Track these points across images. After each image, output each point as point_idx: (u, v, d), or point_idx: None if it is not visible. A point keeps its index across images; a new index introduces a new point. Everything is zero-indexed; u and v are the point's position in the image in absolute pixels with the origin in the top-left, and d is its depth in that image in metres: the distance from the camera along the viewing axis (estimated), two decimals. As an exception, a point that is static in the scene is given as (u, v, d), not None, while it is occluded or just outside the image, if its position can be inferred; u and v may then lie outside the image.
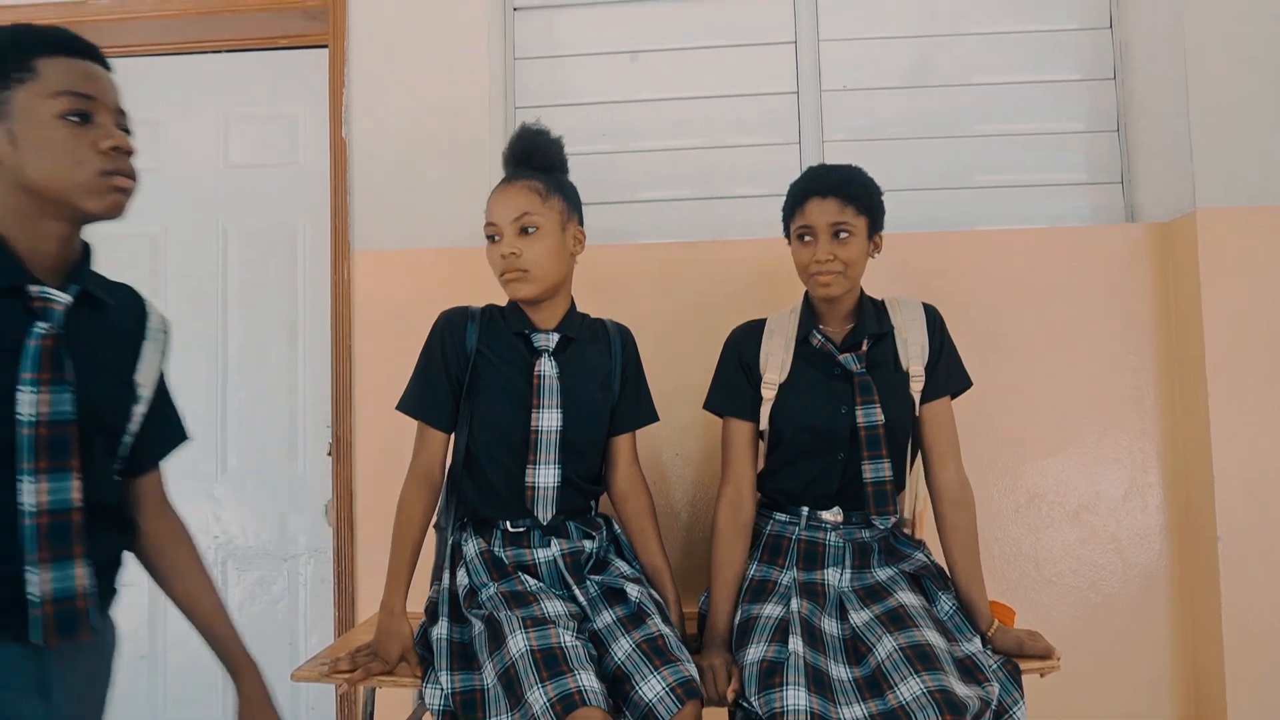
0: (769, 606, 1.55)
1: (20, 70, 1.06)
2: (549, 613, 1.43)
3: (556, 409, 1.56)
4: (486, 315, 1.65)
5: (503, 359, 1.59)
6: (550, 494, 1.55)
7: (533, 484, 1.55)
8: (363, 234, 2.23)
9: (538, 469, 1.55)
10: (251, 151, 2.45)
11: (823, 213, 1.59)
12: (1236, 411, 1.97)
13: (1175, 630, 2.08)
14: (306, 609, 2.39)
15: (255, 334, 2.42)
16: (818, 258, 1.58)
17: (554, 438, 1.56)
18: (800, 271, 1.65)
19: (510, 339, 1.61)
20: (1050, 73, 2.33)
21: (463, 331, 1.61)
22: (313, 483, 2.37)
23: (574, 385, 1.59)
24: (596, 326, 1.70)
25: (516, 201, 1.55)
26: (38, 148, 1.06)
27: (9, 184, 1.08)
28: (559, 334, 1.61)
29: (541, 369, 1.58)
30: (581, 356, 1.63)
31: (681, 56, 2.38)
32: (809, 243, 1.61)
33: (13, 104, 1.06)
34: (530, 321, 1.61)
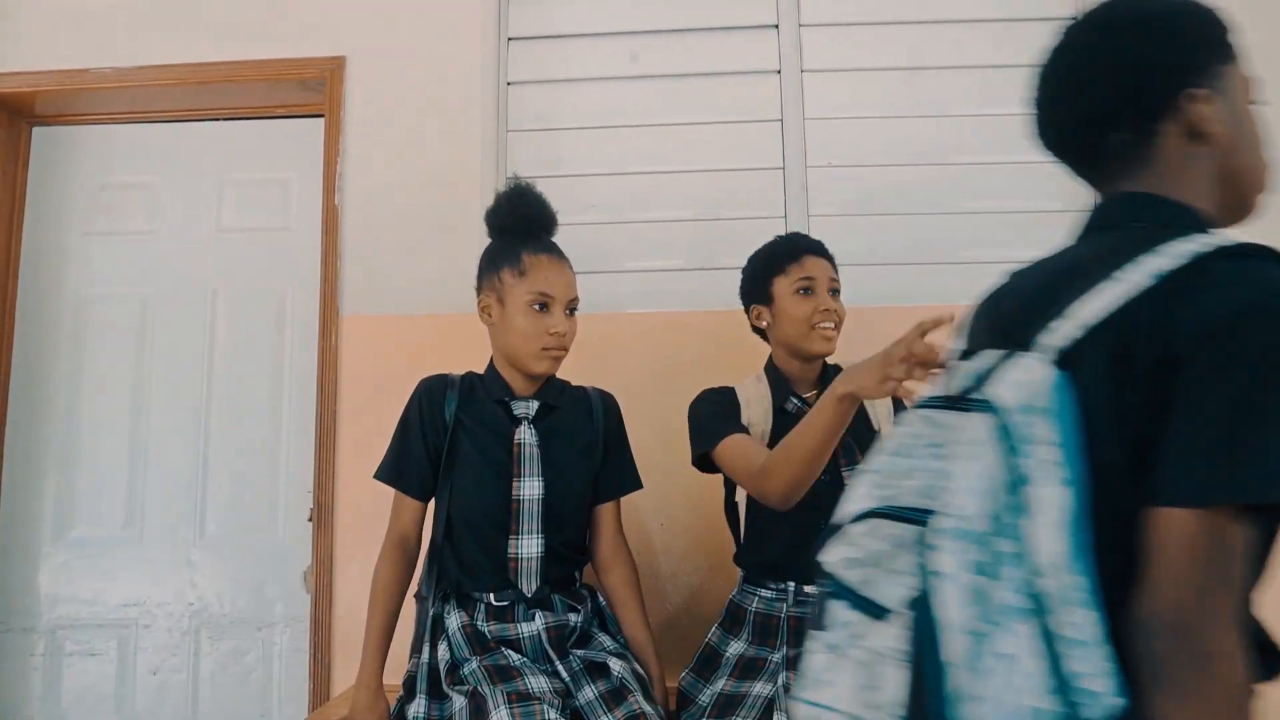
0: (759, 685, 1.52)
1: None
2: (533, 688, 1.41)
3: (537, 478, 1.55)
4: (466, 383, 1.64)
5: (483, 427, 1.58)
6: (534, 565, 1.53)
7: (516, 555, 1.53)
8: (352, 299, 2.24)
9: (520, 539, 1.53)
10: (244, 216, 2.48)
11: (821, 269, 1.65)
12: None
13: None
14: (281, 680, 2.33)
15: (239, 397, 2.41)
16: (823, 307, 1.62)
17: (535, 507, 1.54)
18: (797, 325, 1.64)
19: (490, 407, 1.60)
20: (1030, 153, 2.37)
21: (441, 400, 1.60)
22: (292, 550, 2.34)
23: (555, 453, 1.58)
24: (578, 394, 1.70)
25: (570, 281, 1.59)
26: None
27: None
28: (539, 401, 1.61)
29: (521, 437, 1.57)
30: (562, 424, 1.63)
31: (671, 131, 2.44)
32: (811, 295, 1.63)
33: None
34: (510, 389, 1.61)
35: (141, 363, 2.43)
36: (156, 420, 2.41)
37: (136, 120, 2.51)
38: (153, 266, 2.46)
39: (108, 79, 2.37)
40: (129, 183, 2.51)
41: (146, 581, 2.36)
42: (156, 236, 2.48)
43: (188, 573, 2.35)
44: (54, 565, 2.37)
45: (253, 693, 2.33)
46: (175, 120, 2.51)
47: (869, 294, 2.28)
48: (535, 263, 1.56)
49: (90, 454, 2.40)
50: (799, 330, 1.64)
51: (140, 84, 2.37)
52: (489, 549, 1.54)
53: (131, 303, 2.45)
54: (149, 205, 2.49)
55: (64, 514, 2.39)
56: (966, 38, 2.44)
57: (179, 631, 2.34)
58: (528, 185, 1.63)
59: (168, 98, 2.44)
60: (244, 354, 2.42)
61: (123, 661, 2.35)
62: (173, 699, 2.32)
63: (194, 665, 2.34)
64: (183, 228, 2.48)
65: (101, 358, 2.43)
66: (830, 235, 2.35)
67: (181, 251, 2.46)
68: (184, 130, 2.52)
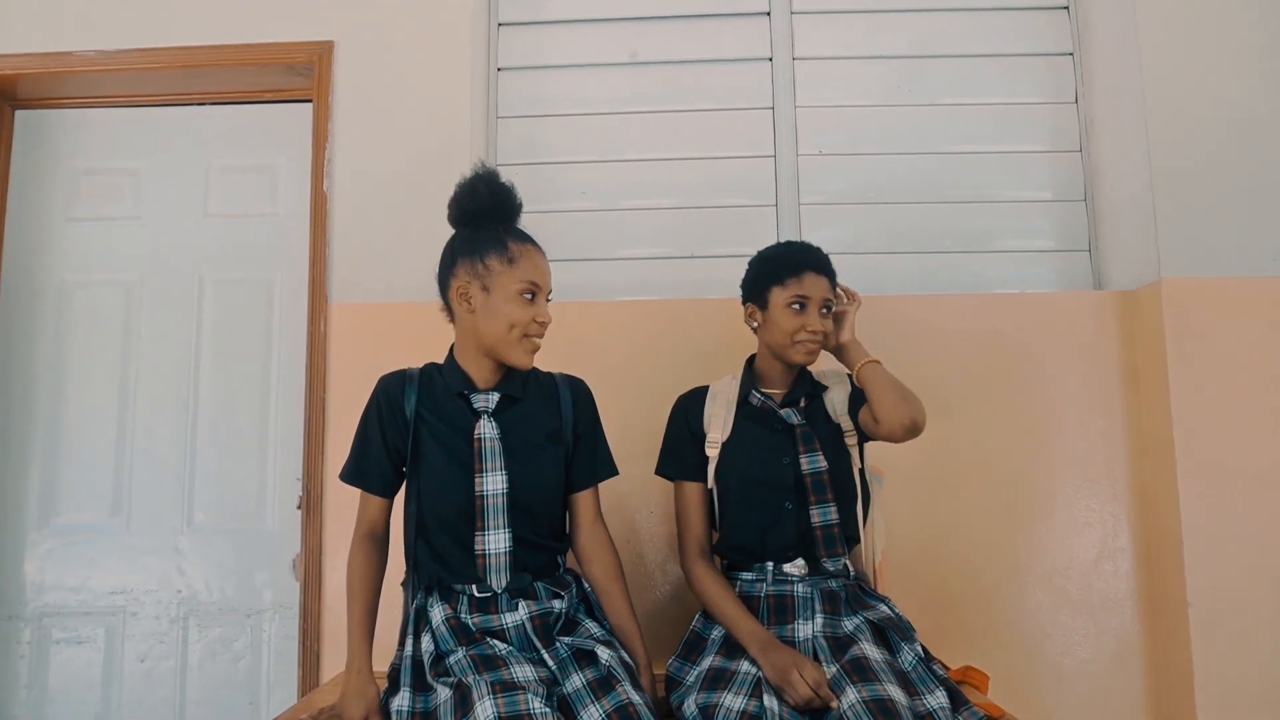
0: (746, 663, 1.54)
1: None
2: (518, 678, 1.40)
3: (500, 471, 1.53)
4: (425, 377, 1.62)
5: (443, 422, 1.57)
6: (502, 560, 1.52)
7: (483, 551, 1.52)
8: (340, 286, 2.23)
9: (486, 535, 1.52)
10: (231, 202, 2.46)
11: (818, 288, 1.71)
12: (1203, 476, 1.99)
13: (1149, 696, 2.08)
14: (270, 666, 2.33)
15: (227, 385, 2.39)
16: (810, 327, 1.69)
17: (501, 501, 1.53)
18: (783, 336, 1.71)
19: (451, 400, 1.58)
20: (1020, 143, 2.40)
21: (400, 397, 1.58)
22: (281, 537, 2.33)
23: (518, 445, 1.56)
24: (544, 381, 1.67)
25: (549, 271, 1.59)
26: None
27: None
28: (499, 393, 1.59)
29: (481, 431, 1.55)
30: (526, 414, 1.60)
31: (662, 119, 2.43)
32: (802, 313, 1.70)
33: None
34: (470, 381, 1.59)
35: (128, 349, 2.41)
36: (143, 407, 2.39)
37: (121, 104, 2.48)
38: (138, 252, 2.44)
39: (92, 62, 2.34)
40: (113, 167, 2.48)
41: (134, 569, 2.35)
42: (142, 222, 2.45)
43: (175, 560, 2.35)
44: (40, 553, 2.36)
45: (241, 680, 2.33)
46: (161, 104, 2.48)
47: (857, 283, 2.28)
48: (524, 251, 1.55)
49: (76, 441, 2.38)
50: (783, 341, 1.72)
51: (125, 67, 2.34)
52: (461, 542, 1.53)
53: (117, 289, 2.43)
54: (134, 190, 2.47)
55: (49, 501, 2.38)
56: (958, 27, 2.44)
57: (167, 619, 2.34)
58: (495, 171, 1.61)
59: (153, 81, 2.41)
60: (232, 341, 2.41)
61: (110, 649, 2.34)
62: (161, 686, 2.32)
63: (182, 653, 2.33)
64: (168, 213, 2.45)
65: (87, 344, 2.41)
66: (820, 223, 2.37)
67: (167, 237, 2.44)
68: (169, 115, 2.49)
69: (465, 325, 1.58)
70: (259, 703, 2.32)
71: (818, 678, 1.44)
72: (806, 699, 1.42)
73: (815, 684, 1.42)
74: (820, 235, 2.29)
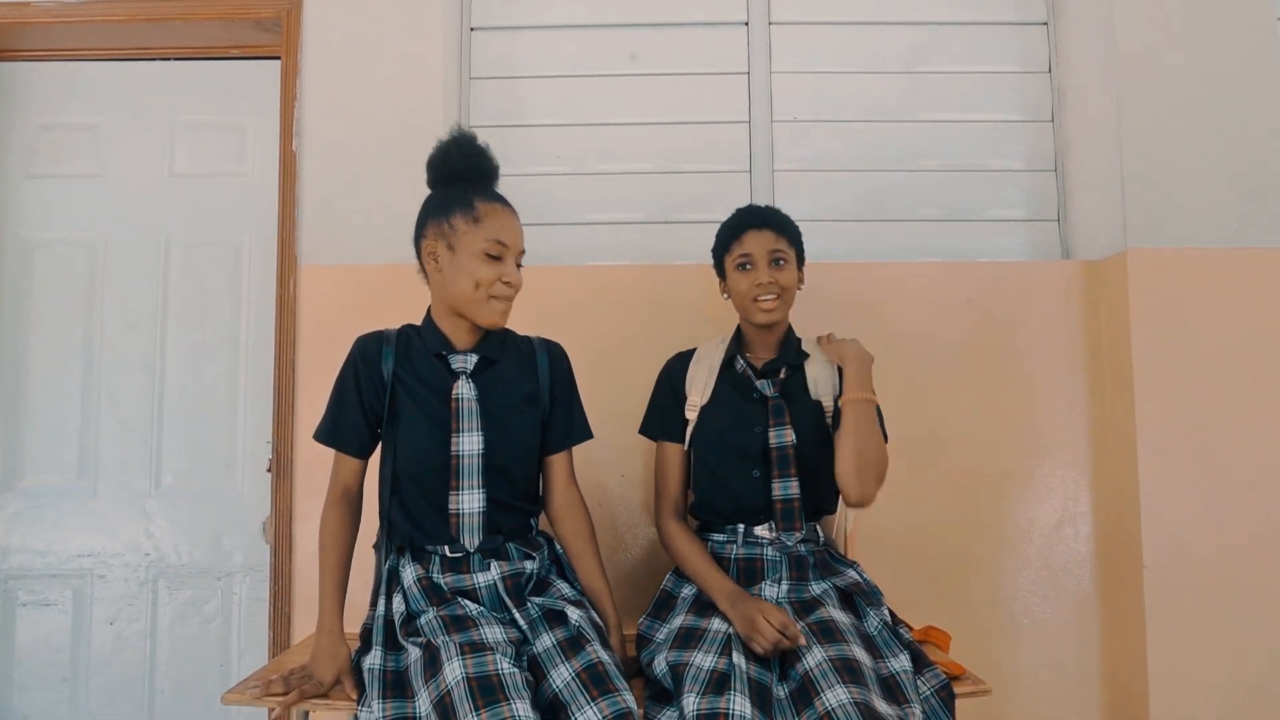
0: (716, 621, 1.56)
1: None
2: (488, 639, 1.41)
3: (477, 432, 1.54)
4: (403, 337, 1.62)
5: (421, 383, 1.57)
6: (475, 520, 1.54)
7: (456, 510, 1.53)
8: (310, 248, 2.20)
9: (460, 495, 1.53)
10: (197, 161, 2.41)
11: (760, 242, 1.72)
12: (1162, 444, 2.04)
13: (1103, 654, 2.14)
14: (241, 629, 2.33)
15: (195, 347, 2.37)
16: (759, 281, 1.70)
17: (475, 462, 1.54)
18: (741, 299, 1.74)
19: (429, 361, 1.59)
20: (992, 113, 2.41)
21: (378, 357, 1.58)
22: (251, 500, 2.32)
23: (495, 406, 1.57)
24: (522, 344, 1.69)
25: (521, 232, 1.58)
26: None
27: None
28: (477, 355, 1.60)
29: (459, 392, 1.56)
30: (503, 376, 1.61)
31: (637, 82, 2.41)
32: (749, 270, 1.72)
33: None
34: (448, 342, 1.60)
35: (92, 310, 2.37)
36: (109, 369, 2.36)
37: (82, 58, 2.42)
38: (101, 211, 2.39)
39: (52, 13, 2.27)
40: (74, 123, 2.42)
41: (101, 532, 2.33)
42: (104, 181, 2.40)
43: (143, 523, 2.33)
44: (5, 516, 2.34)
45: (212, 642, 2.33)
46: (124, 59, 2.42)
47: (831, 250, 2.30)
48: (490, 210, 1.55)
49: (40, 403, 2.35)
50: (742, 303, 1.75)
51: (86, 19, 2.27)
52: (435, 503, 1.54)
53: (79, 248, 2.38)
54: (95, 147, 2.41)
55: (14, 464, 2.35)
56: (934, -6, 2.43)
57: (135, 582, 2.32)
58: (472, 134, 1.61)
59: (116, 34, 2.34)
60: (199, 302, 2.37)
61: (78, 612, 2.33)
62: (130, 648, 2.31)
63: (152, 615, 2.33)
64: (132, 172, 2.40)
65: (49, 304, 2.37)
66: (793, 190, 2.38)
67: (131, 196, 2.39)
68: (133, 70, 2.43)
69: (436, 286, 1.59)
70: (229, 665, 2.32)
71: (783, 619, 1.46)
72: (774, 640, 1.44)
73: (781, 625, 1.45)
74: (793, 202, 2.30)
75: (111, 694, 2.31)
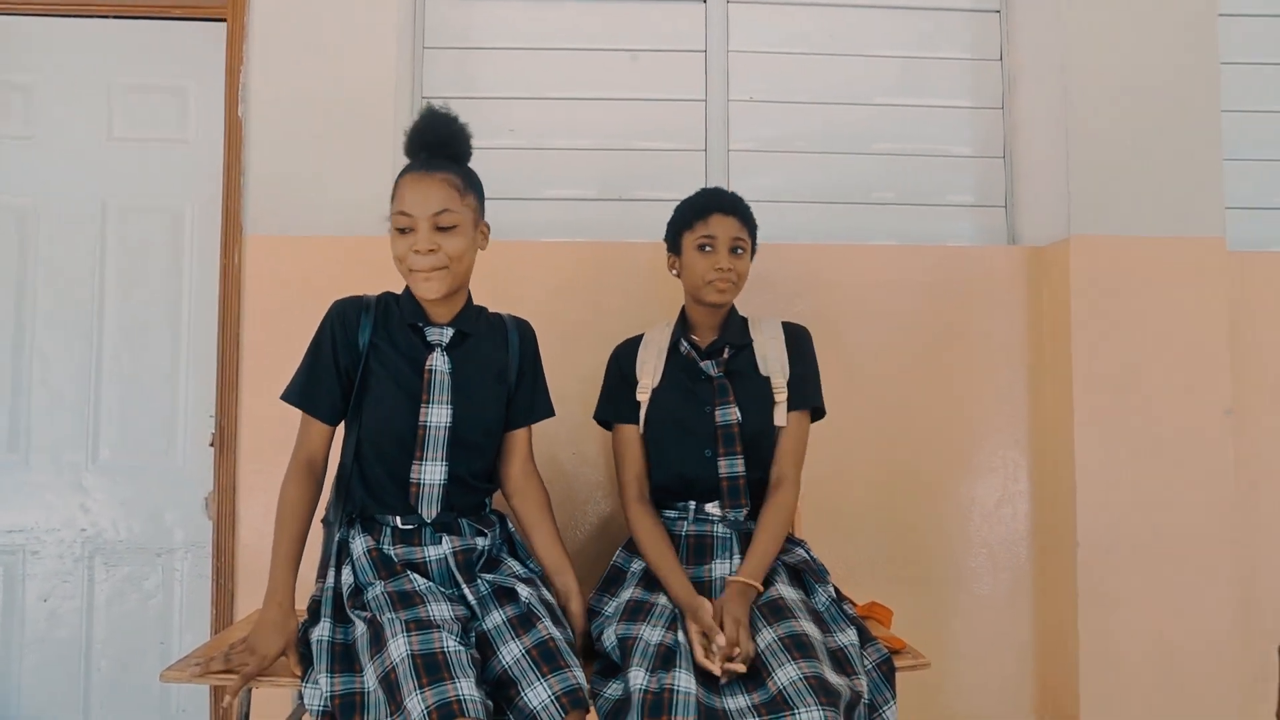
0: (665, 597, 1.58)
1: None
2: (434, 616, 1.41)
3: (446, 405, 1.54)
4: (381, 305, 1.61)
5: (396, 352, 1.57)
6: (435, 491, 1.53)
7: (418, 480, 1.53)
8: (256, 218, 2.15)
9: (424, 466, 1.53)
10: (137, 125, 2.33)
11: (725, 228, 1.73)
12: (1098, 426, 2.11)
13: (1037, 630, 2.21)
14: (182, 606, 2.28)
15: (134, 318, 2.29)
16: (720, 266, 1.71)
17: (442, 434, 1.54)
18: (696, 279, 1.74)
19: (404, 331, 1.58)
20: (945, 98, 2.44)
21: (356, 324, 1.57)
22: (192, 475, 2.27)
23: (466, 381, 1.57)
24: (494, 321, 1.68)
25: (435, 195, 1.50)
26: None
27: None
28: (454, 329, 1.59)
29: (434, 364, 1.56)
30: (476, 352, 1.61)
31: (593, 57, 2.39)
32: (709, 253, 1.72)
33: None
34: (425, 314, 1.59)
35: (24, 277, 2.28)
36: (42, 339, 2.28)
37: (12, 11, 2.31)
38: (32, 175, 2.29)
39: (-22, -35, 2.16)
40: (4, 81, 2.31)
41: (34, 507, 2.26)
42: (36, 143, 2.30)
43: (79, 497, 2.26)
44: (-69, 489, 2.25)
45: (152, 619, 2.28)
46: (58, 14, 2.31)
47: (784, 231, 2.32)
48: (401, 183, 1.53)
49: (-32, 373, 2.26)
50: (696, 283, 1.75)
51: (16, -28, 2.17)
52: (395, 474, 1.54)
53: (8, 213, 2.29)
54: (26, 107, 2.31)
55: (-60, 436, 2.26)
56: (891, -23, 2.45)
57: (71, 558, 2.26)
58: (444, 111, 1.58)
59: (48, -10, 2.25)
60: (139, 271, 2.30)
61: (9, 589, 2.26)
62: (65, 626, 2.25)
63: (88, 592, 2.27)
64: (66, 134, 2.31)
65: (-22, 270, 2.28)
66: (748, 170, 2.38)
67: (66, 160, 2.30)
68: (68, 26, 2.32)
69: None
70: (170, 642, 2.28)
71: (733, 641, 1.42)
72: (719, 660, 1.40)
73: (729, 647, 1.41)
74: (748, 182, 2.31)
75: (46, 672, 2.25)
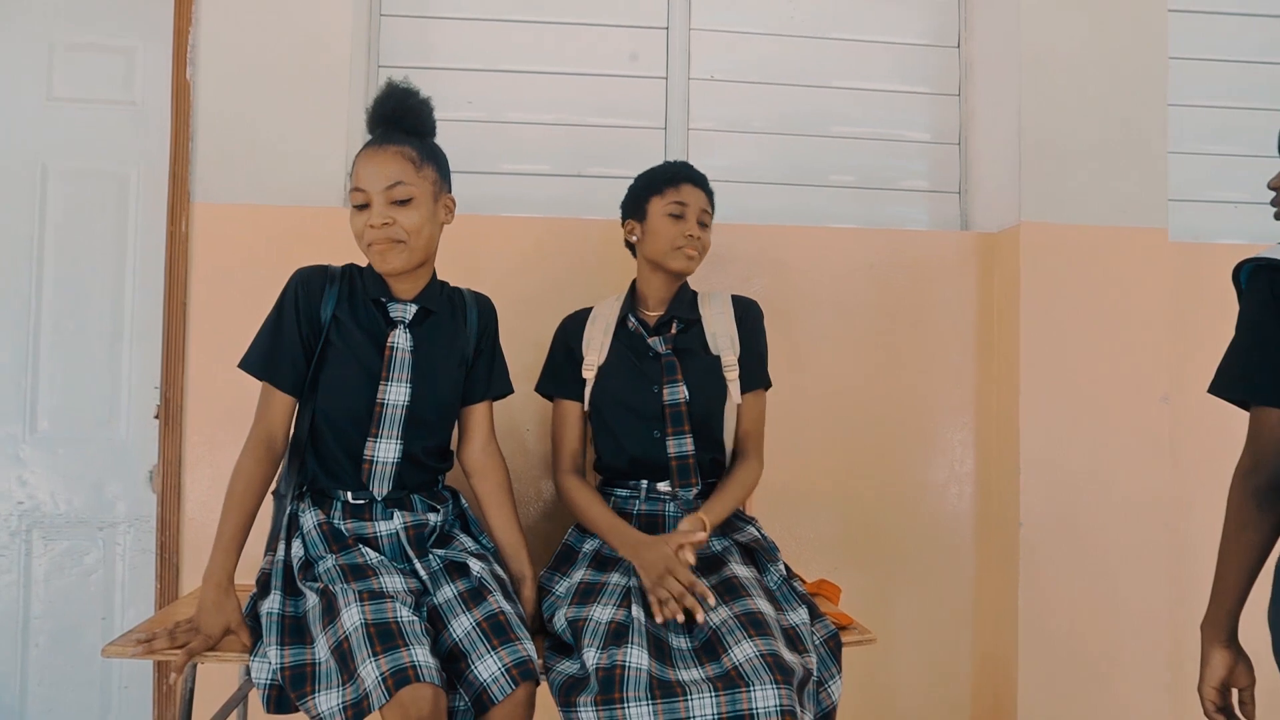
0: (616, 575, 1.58)
1: None
2: (387, 587, 1.40)
3: (405, 383, 1.53)
4: (346, 277, 1.58)
5: (357, 326, 1.54)
6: (388, 470, 1.52)
7: (371, 457, 1.52)
8: (204, 185, 2.09)
9: (378, 443, 1.52)
10: (80, 86, 2.24)
11: (695, 199, 1.75)
12: (1043, 410, 2.16)
13: (979, 608, 2.27)
14: (125, 581, 2.24)
15: (76, 284, 2.22)
16: (690, 233, 1.72)
17: (399, 413, 1.53)
18: (664, 244, 1.73)
19: (367, 306, 1.56)
20: (903, 83, 2.46)
21: (320, 294, 1.54)
22: (136, 448, 2.22)
23: (426, 360, 1.56)
24: (454, 295, 1.67)
25: (389, 169, 1.48)
26: None
27: None
28: (417, 305, 1.57)
29: (395, 341, 1.54)
30: (439, 329, 1.60)
31: (553, 31, 2.36)
32: (681, 221, 1.73)
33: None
34: (389, 290, 1.57)
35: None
36: (-23, 306, 2.20)
37: (-54, -36, 2.21)
38: (-32, 135, 2.21)
39: (-91, -89, 2.06)
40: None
41: (-32, 478, 2.19)
42: (-28, 101, 2.22)
43: (16, 470, 2.20)
44: None
45: (93, 594, 2.23)
46: (-6, -32, 2.23)
47: (742, 211, 2.33)
48: (357, 159, 1.51)
49: (-102, 339, 2.18)
50: (663, 249, 1.74)
51: (-50, -79, 2.08)
52: (349, 450, 1.52)
53: (-58, 174, 2.20)
54: (-38, 64, 2.22)
55: None
56: (853, -39, 2.45)
57: (7, 531, 2.20)
58: (404, 84, 1.56)
59: (-16, -59, 2.15)
60: (81, 238, 2.23)
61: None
62: (1, 600, 2.19)
63: (25, 566, 2.21)
64: (4, 94, 2.22)
65: (-92, 233, 2.19)
66: (707, 150, 2.38)
67: (3, 120, 2.21)
68: (5, -19, 2.24)
69: None
70: (112, 618, 2.23)
71: (691, 579, 1.47)
72: (679, 594, 1.45)
73: (689, 584, 1.46)
74: (707, 162, 2.29)
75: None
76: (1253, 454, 1.19)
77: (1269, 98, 2.43)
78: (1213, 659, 1.24)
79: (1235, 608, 1.23)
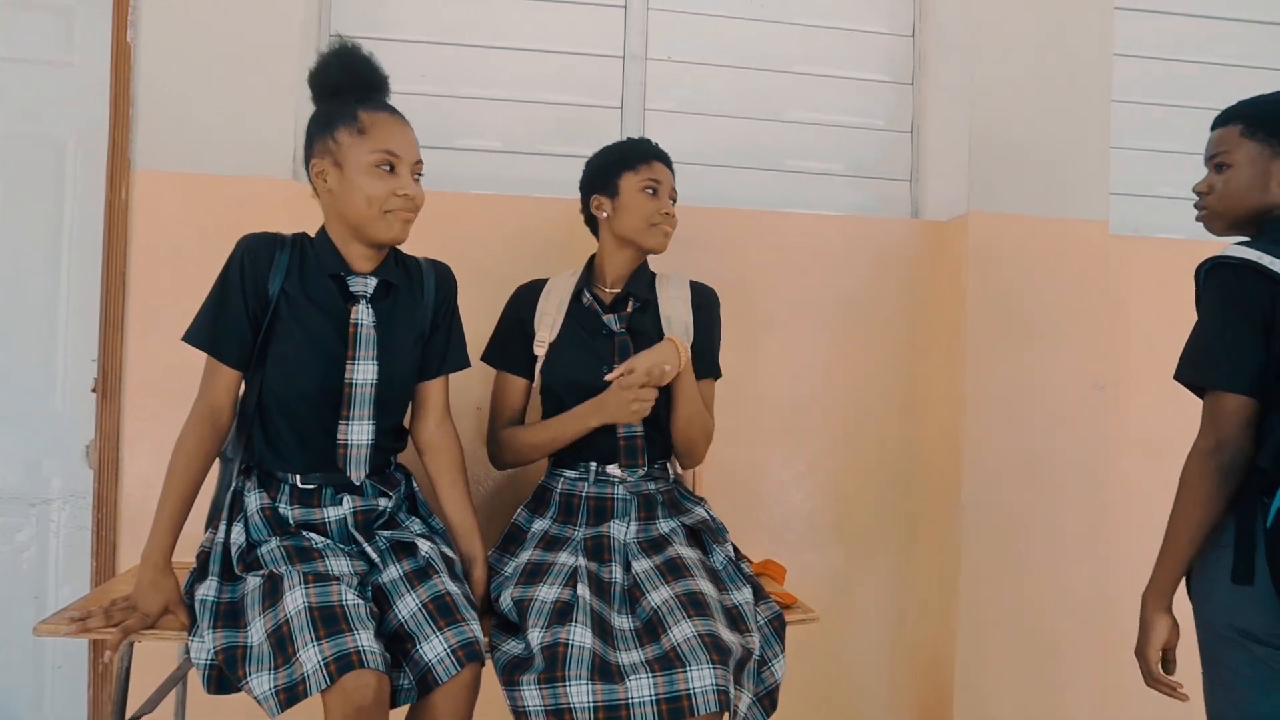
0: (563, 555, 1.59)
1: None
2: (332, 569, 1.38)
3: (372, 361, 1.48)
4: (297, 248, 1.51)
5: (311, 302, 1.48)
6: (364, 452, 1.48)
7: (345, 441, 1.47)
8: (145, 152, 2.03)
9: (350, 425, 1.47)
10: (12, 45, 2.15)
11: (667, 177, 1.76)
12: (985, 395, 2.21)
13: (920, 585, 2.33)
14: (59, 558, 2.18)
15: (9, 254, 2.14)
16: (665, 210, 1.73)
17: (369, 392, 1.48)
18: (639, 220, 1.73)
19: (321, 279, 1.50)
20: (858, 71, 2.48)
21: (268, 263, 1.47)
22: (72, 422, 2.15)
23: (390, 335, 1.51)
24: (411, 265, 1.61)
25: (413, 141, 1.49)
26: None
27: None
28: (377, 279, 1.52)
29: (359, 317, 1.48)
30: (400, 303, 1.55)
31: (511, 5, 2.33)
32: (655, 197, 1.73)
33: None
34: (346, 263, 1.51)
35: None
36: (-99, 273, 2.11)
37: None
38: (-108, 92, 2.11)
39: None
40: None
41: (-107, 451, 2.11)
42: (-103, 57, 2.12)
43: (-55, 443, 2.13)
44: None
45: (26, 572, 2.16)
46: (-80, -82, 2.12)
47: (697, 194, 2.33)
48: (376, 120, 1.45)
49: None
50: (638, 226, 1.73)
51: None
52: (301, 432, 1.47)
53: None
54: (-113, 18, 2.12)
55: None
56: (812, -54, 2.46)
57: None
58: (355, 45, 1.51)
59: (-90, -112, 2.05)
60: (14, 205, 2.14)
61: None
62: (-72, 578, 2.13)
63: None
64: (-68, 50, 2.13)
65: None
66: (663, 131, 2.38)
67: (-69, 78, 2.12)
68: (-68, -68, 2.13)
69: (328, 206, 1.50)
70: (45, 596, 2.17)
71: (641, 381, 1.61)
72: (640, 383, 1.60)
73: (642, 386, 1.61)
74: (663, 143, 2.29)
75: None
76: (1214, 435, 1.26)
77: (1209, 96, 2.50)
78: (1157, 624, 1.35)
79: (1180, 576, 1.33)
